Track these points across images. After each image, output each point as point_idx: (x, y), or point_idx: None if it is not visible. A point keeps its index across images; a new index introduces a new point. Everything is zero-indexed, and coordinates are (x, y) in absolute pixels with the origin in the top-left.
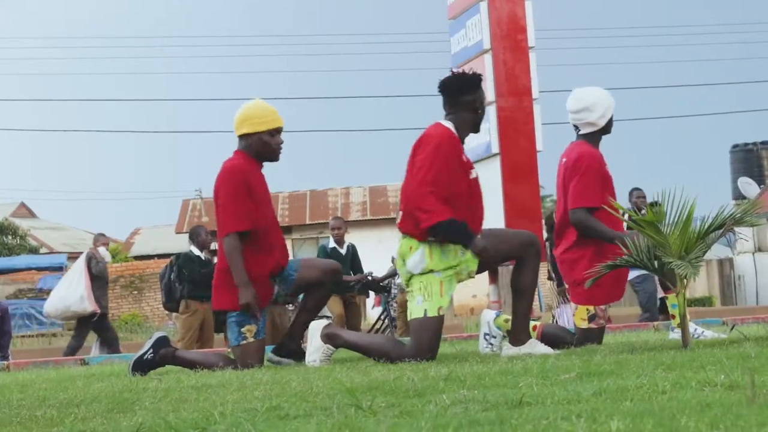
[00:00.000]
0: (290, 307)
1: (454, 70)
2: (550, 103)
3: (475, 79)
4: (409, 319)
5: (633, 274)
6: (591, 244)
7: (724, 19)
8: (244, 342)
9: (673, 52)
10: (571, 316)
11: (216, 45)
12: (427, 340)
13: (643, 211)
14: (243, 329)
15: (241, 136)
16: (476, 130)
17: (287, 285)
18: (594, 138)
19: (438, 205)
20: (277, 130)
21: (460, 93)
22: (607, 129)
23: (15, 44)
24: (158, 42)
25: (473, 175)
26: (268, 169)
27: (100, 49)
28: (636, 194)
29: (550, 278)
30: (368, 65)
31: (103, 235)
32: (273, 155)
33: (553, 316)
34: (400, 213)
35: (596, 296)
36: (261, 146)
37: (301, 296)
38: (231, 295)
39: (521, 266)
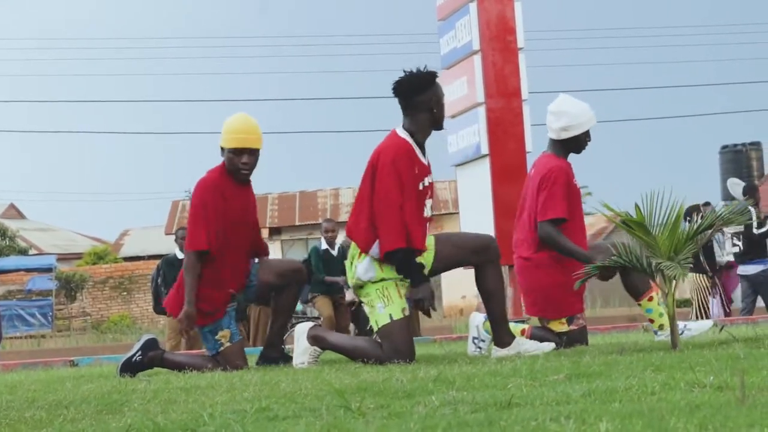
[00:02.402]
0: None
1: (406, 70)
2: (540, 105)
3: (428, 77)
4: (375, 328)
5: (757, 268)
6: (552, 254)
7: (713, 20)
8: (222, 348)
9: (662, 53)
10: (720, 306)
11: (206, 46)
12: (402, 342)
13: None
14: (218, 336)
15: (221, 148)
16: (438, 127)
17: (249, 293)
18: (560, 150)
19: (400, 230)
20: (240, 151)
21: (414, 93)
22: (571, 145)
23: (6, 45)
24: (148, 43)
25: (424, 185)
26: (258, 168)
27: (89, 50)
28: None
29: (701, 270)
30: (357, 66)
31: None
32: (235, 174)
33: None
34: (349, 218)
35: (570, 306)
36: (227, 162)
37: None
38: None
39: (480, 272)
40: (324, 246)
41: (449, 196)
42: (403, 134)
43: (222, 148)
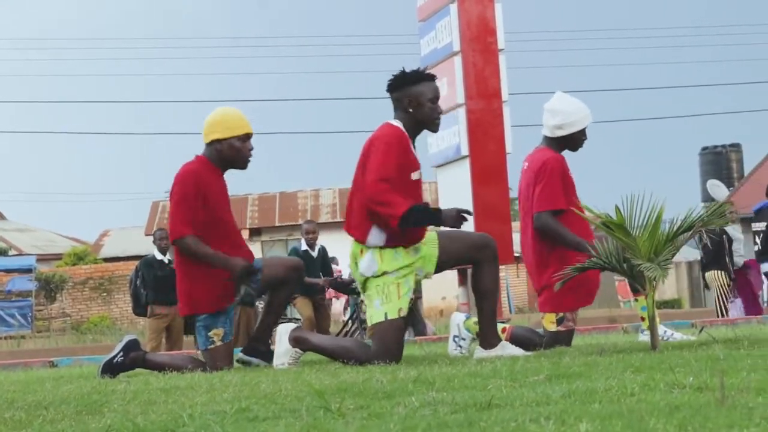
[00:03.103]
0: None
1: (404, 69)
2: (520, 106)
3: (407, 76)
4: (369, 324)
5: None
6: (553, 249)
7: (693, 22)
8: (212, 346)
9: (642, 54)
10: (742, 308)
11: (187, 47)
12: (391, 343)
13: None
14: (211, 333)
15: (211, 143)
16: (427, 127)
17: (256, 287)
18: (555, 145)
19: (397, 198)
20: (248, 136)
21: (391, 90)
22: (567, 143)
23: None
24: (129, 44)
25: (415, 176)
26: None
27: (69, 51)
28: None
29: (723, 269)
30: (338, 67)
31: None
32: (242, 162)
33: (724, 308)
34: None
35: (564, 302)
36: (232, 152)
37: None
38: (196, 299)
39: (478, 269)
40: (304, 247)
41: (429, 198)
42: (396, 123)
43: (214, 141)
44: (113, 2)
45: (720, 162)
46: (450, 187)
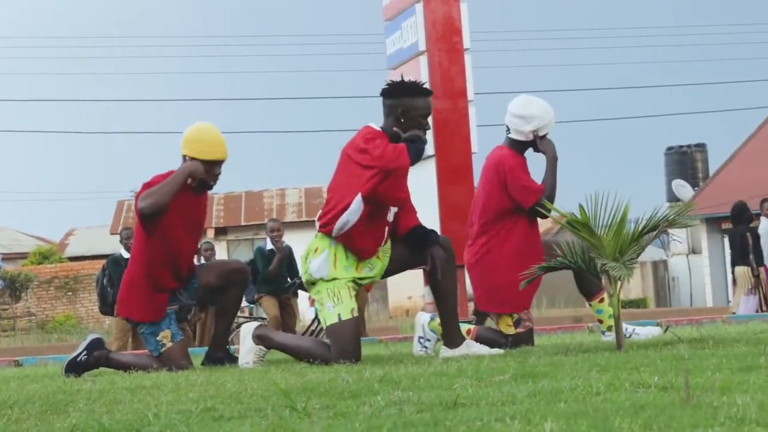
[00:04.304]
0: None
1: (405, 78)
2: (485, 105)
3: (406, 87)
4: (324, 326)
5: None
6: (506, 247)
7: (658, 22)
8: (165, 349)
9: (607, 54)
10: (754, 305)
11: (149, 45)
12: (348, 342)
13: None
14: (159, 337)
15: (183, 156)
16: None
17: (191, 293)
18: (519, 147)
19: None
20: (217, 162)
21: (386, 96)
22: (532, 143)
23: None
24: (90, 42)
25: None
26: None
27: (32, 49)
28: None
29: (745, 263)
30: (303, 66)
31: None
32: (204, 185)
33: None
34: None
35: (514, 302)
36: None
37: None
38: (138, 306)
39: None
40: (269, 246)
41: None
42: (376, 128)
43: (186, 156)
44: (73, 2)
45: (685, 162)
46: (416, 186)
